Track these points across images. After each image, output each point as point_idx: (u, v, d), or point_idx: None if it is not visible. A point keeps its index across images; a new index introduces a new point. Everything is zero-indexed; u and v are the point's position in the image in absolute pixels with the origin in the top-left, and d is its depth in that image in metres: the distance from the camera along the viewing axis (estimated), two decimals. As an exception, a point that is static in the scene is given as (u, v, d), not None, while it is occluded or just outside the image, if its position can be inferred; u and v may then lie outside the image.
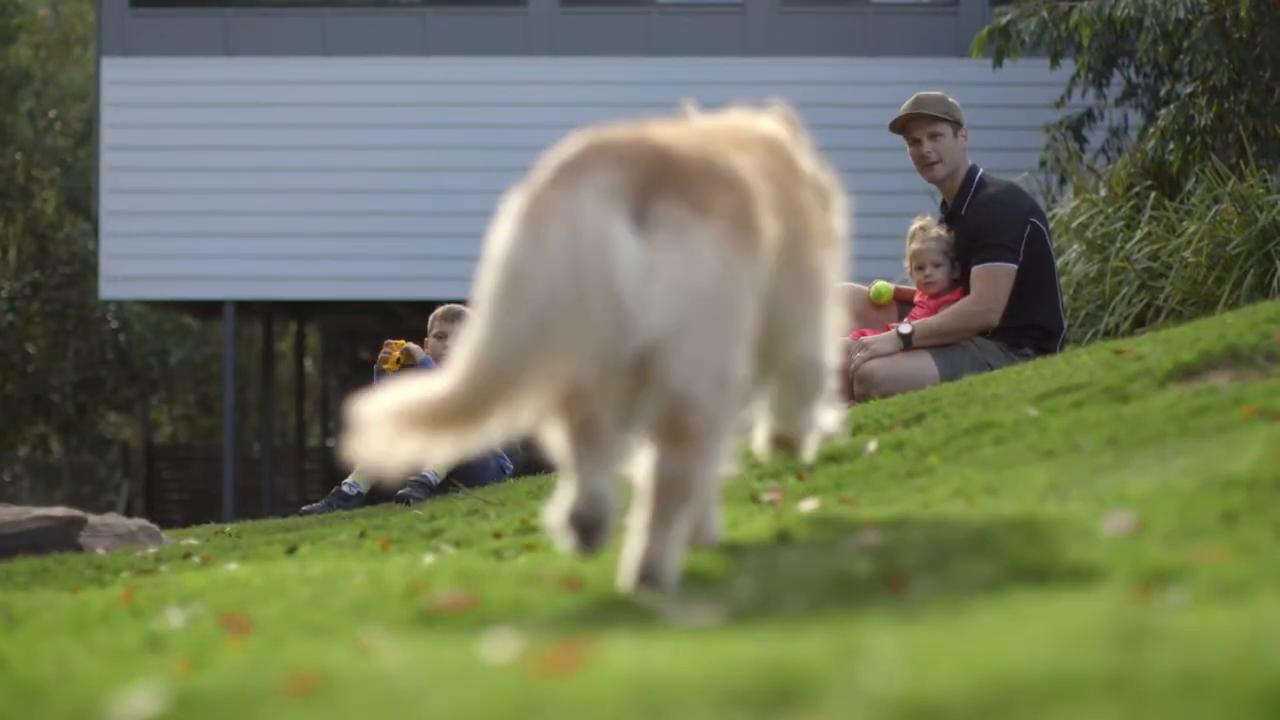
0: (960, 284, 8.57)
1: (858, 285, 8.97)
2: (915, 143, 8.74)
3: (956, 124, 8.73)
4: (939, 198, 8.94)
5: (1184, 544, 3.27)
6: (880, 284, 8.86)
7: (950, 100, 8.80)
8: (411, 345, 8.65)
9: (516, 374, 3.33)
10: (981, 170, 8.79)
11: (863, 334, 8.50)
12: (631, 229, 3.38)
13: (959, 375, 7.98)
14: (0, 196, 32.34)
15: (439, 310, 9.00)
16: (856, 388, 8.14)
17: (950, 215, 8.72)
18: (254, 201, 21.61)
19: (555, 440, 3.50)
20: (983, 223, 8.48)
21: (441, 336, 8.85)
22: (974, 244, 8.48)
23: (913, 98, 8.83)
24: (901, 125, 8.78)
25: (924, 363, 8.24)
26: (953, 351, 8.33)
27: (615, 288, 3.30)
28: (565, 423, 3.47)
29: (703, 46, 21.71)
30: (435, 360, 8.67)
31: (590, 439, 3.44)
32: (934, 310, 8.51)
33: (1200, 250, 10.36)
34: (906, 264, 8.73)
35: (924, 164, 8.72)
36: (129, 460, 34.51)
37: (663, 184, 3.47)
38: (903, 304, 8.91)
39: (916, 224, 8.77)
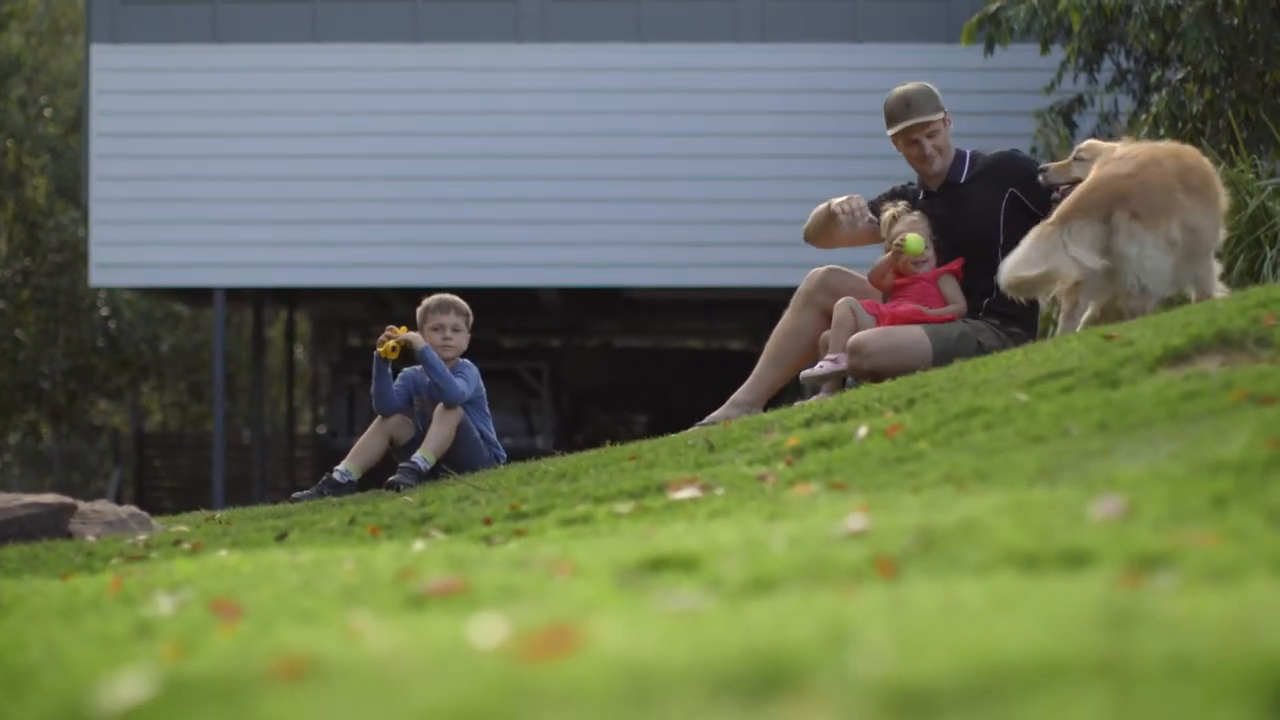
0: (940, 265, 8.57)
1: (851, 269, 8.93)
2: (914, 144, 8.67)
3: (944, 112, 8.71)
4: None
5: (1173, 528, 3.27)
6: (912, 237, 8.59)
7: (933, 89, 8.73)
8: (412, 335, 8.61)
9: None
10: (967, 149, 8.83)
11: (875, 305, 8.45)
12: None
13: (950, 354, 7.98)
14: (-9, 184, 32.34)
15: (430, 302, 8.93)
16: (849, 358, 8.13)
17: (943, 190, 8.66)
18: (244, 188, 21.60)
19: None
20: (1020, 164, 8.54)
21: (439, 328, 8.79)
22: (1012, 181, 8.47)
23: (900, 99, 8.65)
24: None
25: (917, 338, 8.23)
26: (946, 330, 8.32)
27: None
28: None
29: (693, 32, 21.70)
30: (434, 350, 8.62)
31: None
32: (917, 294, 8.48)
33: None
34: (885, 246, 8.66)
35: (925, 163, 8.67)
36: (119, 447, 34.47)
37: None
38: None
39: (890, 210, 8.70)
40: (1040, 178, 8.30)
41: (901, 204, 8.70)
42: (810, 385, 8.30)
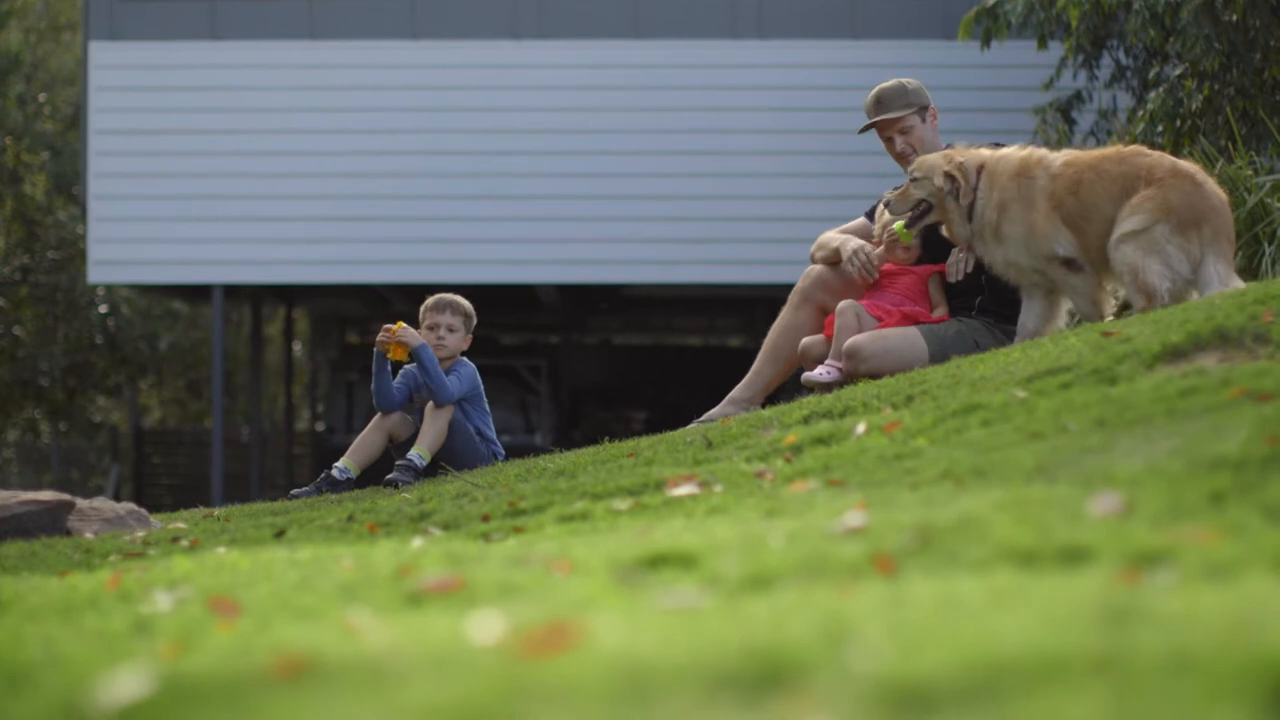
0: (926, 260, 8.55)
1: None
2: (888, 141, 8.72)
3: (923, 108, 8.69)
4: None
5: (1172, 525, 3.27)
6: (900, 223, 8.54)
7: (910, 86, 8.71)
8: (405, 332, 8.60)
9: None
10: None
11: (877, 307, 8.44)
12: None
13: (947, 352, 7.98)
14: (-11, 181, 32.34)
15: (430, 300, 8.95)
16: (845, 363, 8.12)
17: None
18: (242, 185, 21.60)
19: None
20: None
21: (434, 328, 8.80)
22: None
23: (873, 97, 8.71)
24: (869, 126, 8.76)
25: (912, 339, 8.23)
26: (941, 329, 8.32)
27: None
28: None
29: (690, 29, 21.70)
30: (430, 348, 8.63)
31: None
32: (904, 287, 8.47)
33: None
34: (877, 233, 8.64)
35: (901, 160, 8.70)
36: (118, 444, 34.49)
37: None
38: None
39: (887, 196, 8.71)
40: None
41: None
42: (809, 387, 8.28)
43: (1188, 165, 7.78)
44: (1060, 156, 8.03)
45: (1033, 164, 7.97)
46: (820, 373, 8.21)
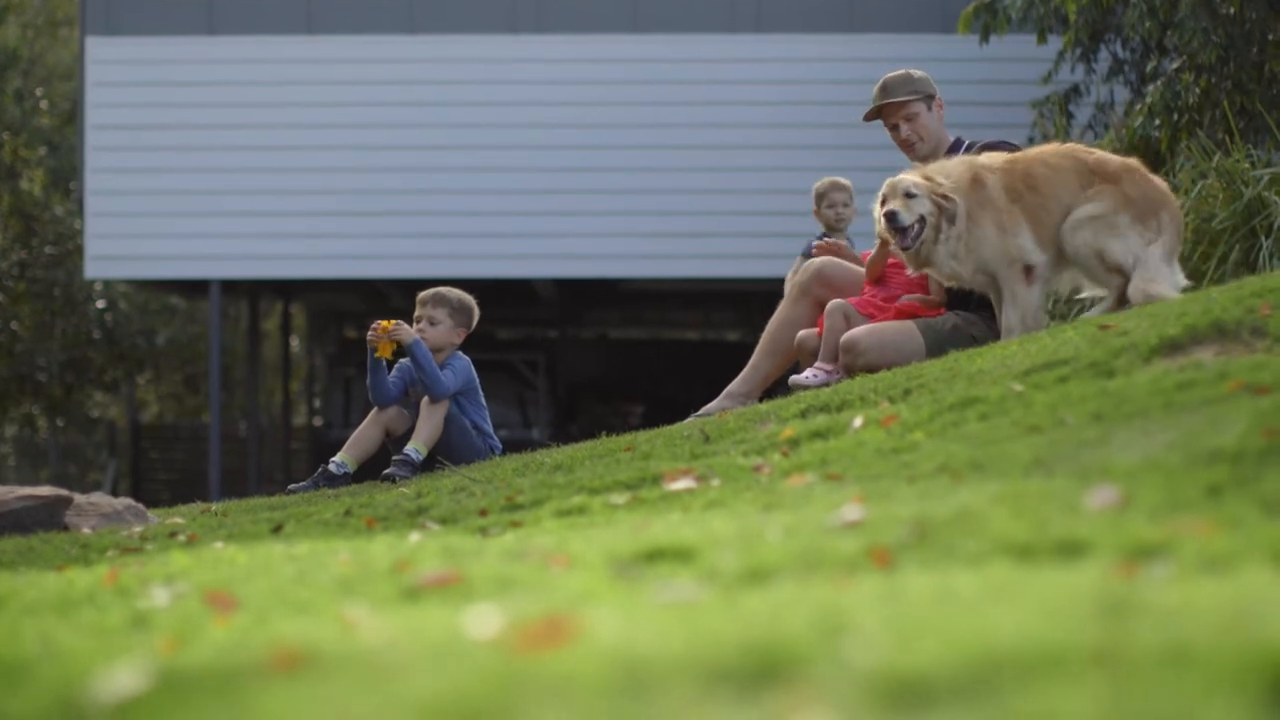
0: None
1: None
2: (893, 128, 8.74)
3: (929, 97, 8.70)
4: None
5: (1169, 518, 3.27)
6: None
7: (916, 75, 8.74)
8: (397, 328, 8.58)
9: None
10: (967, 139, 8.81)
11: (867, 304, 8.44)
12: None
13: (943, 346, 7.98)
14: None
15: (421, 294, 8.95)
16: (842, 356, 8.13)
17: None
18: (239, 180, 21.59)
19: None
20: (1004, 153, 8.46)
21: (418, 320, 8.80)
22: None
23: (879, 84, 8.78)
24: (875, 115, 8.77)
25: (909, 333, 8.23)
26: (937, 323, 8.32)
27: None
28: None
29: (688, 23, 21.70)
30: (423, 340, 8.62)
31: None
32: (907, 280, 8.47)
33: (1186, 225, 10.37)
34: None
35: (906, 148, 8.72)
36: (115, 439, 34.48)
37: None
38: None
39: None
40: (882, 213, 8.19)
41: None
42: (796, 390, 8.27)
43: (1132, 160, 8.07)
44: (996, 158, 8.06)
45: (980, 170, 7.98)
46: (807, 376, 8.21)
